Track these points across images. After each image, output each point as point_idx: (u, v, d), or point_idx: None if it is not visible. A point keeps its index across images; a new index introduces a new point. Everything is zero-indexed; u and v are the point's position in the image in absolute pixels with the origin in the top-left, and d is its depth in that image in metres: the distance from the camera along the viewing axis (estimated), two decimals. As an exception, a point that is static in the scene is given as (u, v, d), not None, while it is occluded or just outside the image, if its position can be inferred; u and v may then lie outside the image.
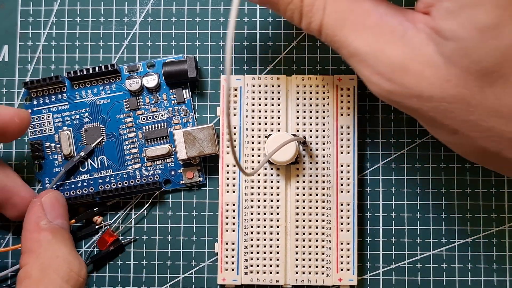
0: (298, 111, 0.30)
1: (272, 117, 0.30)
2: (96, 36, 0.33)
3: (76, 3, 0.33)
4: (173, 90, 0.31)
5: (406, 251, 0.31)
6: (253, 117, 0.30)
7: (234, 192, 0.30)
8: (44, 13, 0.33)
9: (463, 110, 0.22)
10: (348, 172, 0.30)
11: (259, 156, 0.30)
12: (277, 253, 0.30)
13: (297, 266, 0.30)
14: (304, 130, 0.30)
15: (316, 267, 0.30)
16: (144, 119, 0.32)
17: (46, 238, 0.28)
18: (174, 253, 0.32)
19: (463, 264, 0.31)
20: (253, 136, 0.30)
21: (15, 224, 0.32)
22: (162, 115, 0.32)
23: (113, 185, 0.31)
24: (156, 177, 0.31)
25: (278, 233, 0.30)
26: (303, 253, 0.30)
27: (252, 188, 0.30)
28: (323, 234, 0.30)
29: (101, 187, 0.31)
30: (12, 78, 0.33)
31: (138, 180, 0.31)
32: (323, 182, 0.30)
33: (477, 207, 0.31)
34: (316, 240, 0.30)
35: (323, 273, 0.30)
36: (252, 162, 0.30)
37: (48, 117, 0.32)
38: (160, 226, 0.32)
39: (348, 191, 0.30)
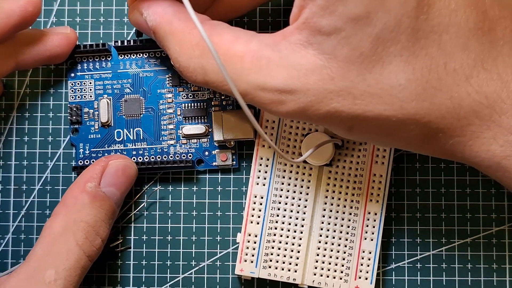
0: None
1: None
2: (95, 36, 0.32)
3: (76, 3, 0.32)
4: (218, 73, 0.31)
5: (406, 251, 0.32)
6: (292, 113, 0.30)
7: (264, 185, 0.30)
8: (44, 13, 0.32)
9: (351, 104, 0.23)
10: (380, 182, 0.30)
11: (293, 153, 0.30)
12: (298, 251, 0.30)
13: (316, 268, 0.30)
14: (342, 134, 0.30)
15: (335, 271, 0.30)
16: (184, 96, 0.31)
17: (83, 200, 0.28)
18: (173, 253, 0.32)
19: (463, 264, 0.32)
20: (290, 133, 0.30)
21: (15, 224, 0.32)
22: (202, 95, 0.31)
23: (146, 158, 0.31)
24: (190, 156, 0.31)
25: (301, 232, 0.30)
26: (324, 256, 0.30)
27: (283, 184, 0.30)
28: (347, 239, 0.30)
29: (134, 159, 0.31)
30: (12, 78, 0.32)
31: (171, 156, 0.31)
32: (354, 188, 0.30)
33: (477, 207, 0.32)
34: (339, 245, 0.30)
35: (341, 278, 0.30)
36: (286, 158, 0.30)
37: (90, 83, 0.31)
38: (160, 226, 0.32)
39: (378, 201, 0.30)
